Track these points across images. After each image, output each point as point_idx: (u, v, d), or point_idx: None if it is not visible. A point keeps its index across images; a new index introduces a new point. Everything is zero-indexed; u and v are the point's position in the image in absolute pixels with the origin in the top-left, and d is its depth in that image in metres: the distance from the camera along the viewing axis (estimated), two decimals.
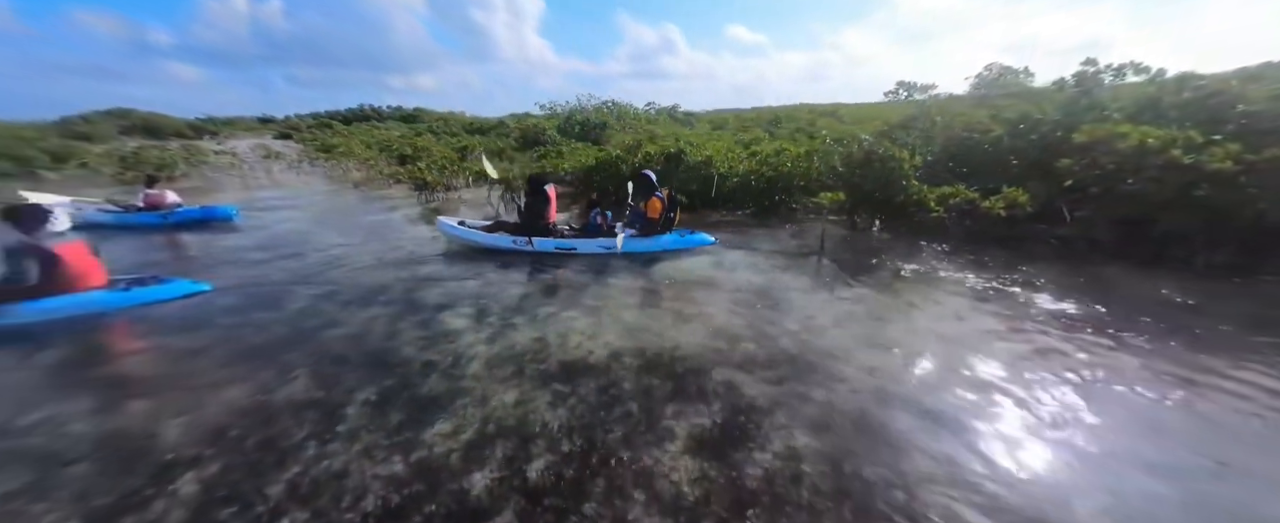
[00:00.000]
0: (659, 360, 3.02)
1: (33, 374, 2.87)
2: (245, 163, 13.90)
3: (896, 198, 5.26)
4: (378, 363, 2.98)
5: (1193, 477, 2.03)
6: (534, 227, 4.99)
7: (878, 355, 3.07)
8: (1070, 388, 2.68)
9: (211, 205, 6.66)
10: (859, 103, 29.10)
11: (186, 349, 3.12)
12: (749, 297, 4.07)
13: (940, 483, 1.97)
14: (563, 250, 4.90)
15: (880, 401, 2.57)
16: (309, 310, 3.78)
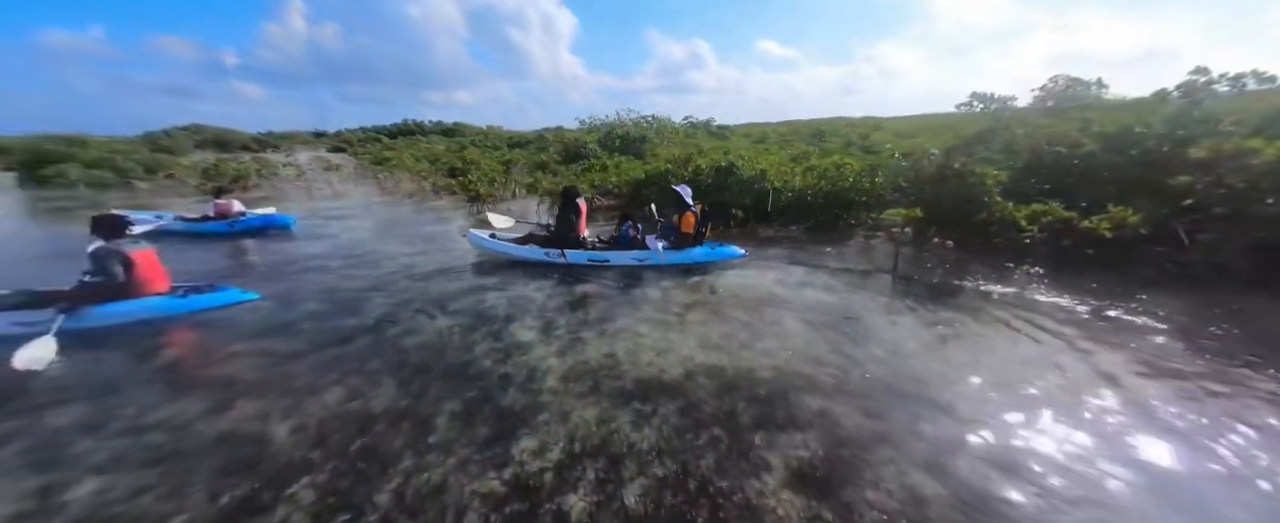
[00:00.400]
0: (739, 383, 2.92)
1: (139, 374, 3.09)
2: (307, 174, 14.91)
3: (977, 216, 4.96)
4: (457, 374, 3.03)
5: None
6: (566, 239, 5.02)
7: (989, 390, 2.84)
8: (1242, 441, 2.36)
9: (271, 214, 7.14)
10: (897, 116, 28.20)
11: (278, 353, 3.29)
12: (823, 317, 3.91)
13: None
14: (596, 263, 4.91)
15: (1004, 439, 2.37)
16: (381, 317, 3.92)
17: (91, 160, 11.94)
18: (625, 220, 5.20)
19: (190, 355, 3.32)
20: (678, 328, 3.74)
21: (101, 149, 13.18)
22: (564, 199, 5.25)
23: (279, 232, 6.99)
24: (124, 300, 3.55)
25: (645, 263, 4.88)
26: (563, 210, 5.18)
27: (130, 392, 2.79)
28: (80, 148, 12.80)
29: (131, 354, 3.29)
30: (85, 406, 2.63)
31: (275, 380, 2.92)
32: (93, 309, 3.49)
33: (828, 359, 3.20)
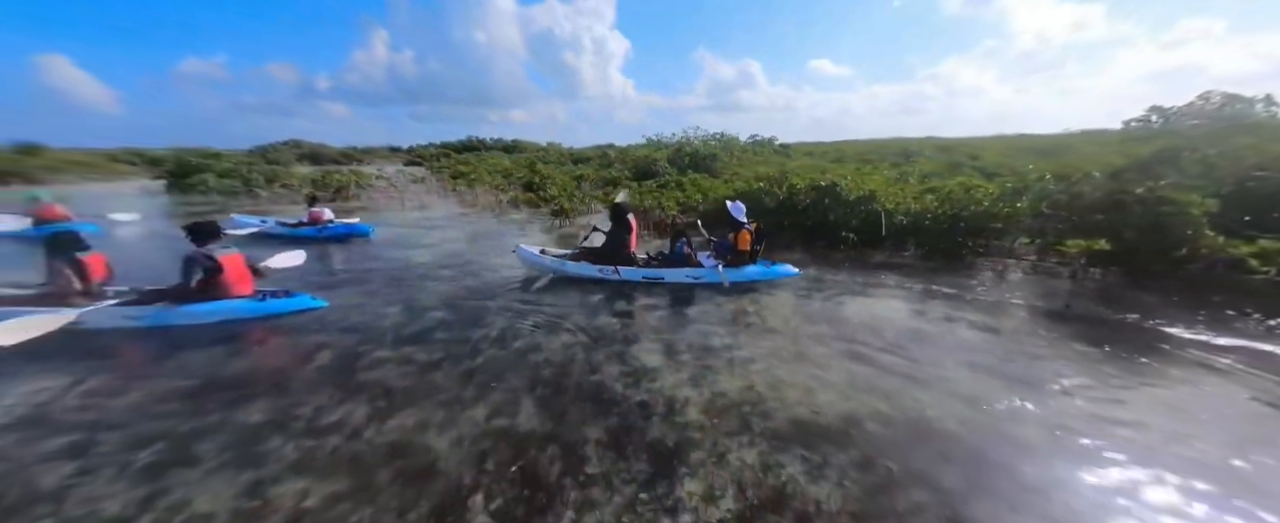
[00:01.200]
0: (919, 434, 2.56)
1: (302, 373, 3.27)
2: (395, 186, 16.23)
3: (1177, 250, 4.23)
4: (591, 397, 2.93)
5: None
6: (618, 255, 4.97)
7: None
8: None
9: (354, 223, 7.79)
10: (972, 136, 26.01)
11: (417, 362, 3.38)
12: (996, 362, 3.44)
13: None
14: (650, 280, 4.89)
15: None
16: (501, 329, 3.96)
17: (223, 171, 13.80)
18: (679, 238, 5.18)
19: (339, 360, 3.48)
20: (815, 363, 3.44)
21: (230, 161, 15.21)
22: (615, 215, 5.18)
23: (360, 238, 7.63)
24: (212, 301, 3.86)
25: (699, 281, 4.85)
26: (614, 227, 5.13)
27: (298, 392, 2.94)
28: (215, 160, 14.84)
29: (284, 352, 3.53)
30: (266, 402, 2.80)
31: (422, 390, 2.98)
32: (183, 308, 3.81)
33: (1028, 415, 2.75)
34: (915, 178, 8.93)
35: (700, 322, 4.25)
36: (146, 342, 3.63)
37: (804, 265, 6.13)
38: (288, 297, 4.13)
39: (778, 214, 7.32)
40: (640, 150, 21.84)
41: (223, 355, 3.46)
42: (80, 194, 14.77)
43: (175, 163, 14.18)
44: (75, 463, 2.26)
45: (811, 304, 4.70)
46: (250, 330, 3.89)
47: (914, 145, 20.12)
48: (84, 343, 3.50)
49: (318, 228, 7.61)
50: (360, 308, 4.47)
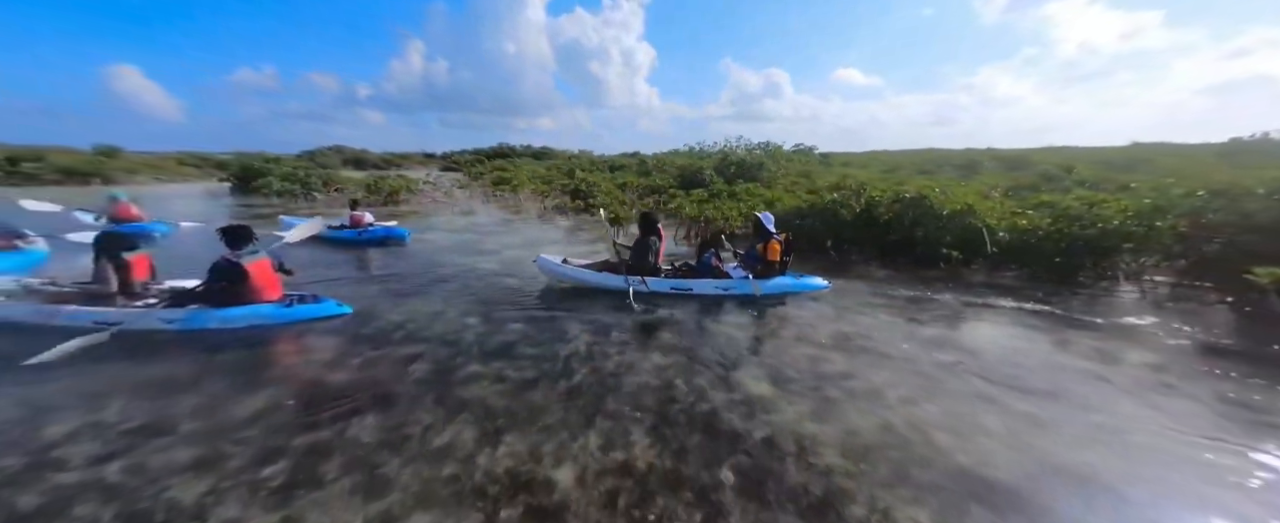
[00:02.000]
0: (1133, 504, 2.15)
1: (405, 388, 3.15)
2: (440, 190, 16.65)
3: None
4: (707, 429, 2.67)
5: None
6: (646, 266, 4.87)
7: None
8: None
9: (391, 227, 7.97)
10: (1016, 148, 24.57)
11: (511, 379, 3.21)
12: (1199, 408, 2.96)
13: None
14: (679, 291, 4.83)
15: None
16: (589, 346, 3.76)
17: (284, 175, 14.54)
18: (706, 249, 5.12)
19: (430, 373, 3.36)
20: (956, 398, 3.06)
21: (288, 166, 16.02)
22: (644, 225, 5.05)
23: (397, 242, 7.79)
24: (240, 306, 3.85)
25: (729, 292, 4.83)
26: (642, 237, 4.99)
27: (401, 409, 2.82)
28: (275, 164, 15.64)
29: (373, 364, 3.43)
30: (374, 419, 2.68)
31: (524, 412, 2.79)
32: (215, 312, 3.80)
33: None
34: (999, 192, 8.32)
35: (786, 342, 3.94)
36: (203, 346, 3.62)
37: (891, 284, 5.71)
38: (315, 302, 4.12)
39: (853, 228, 6.91)
40: (680, 159, 21.66)
41: (309, 363, 3.41)
42: (151, 195, 15.88)
43: (239, 167, 15.03)
44: (206, 481, 2.16)
45: (922, 329, 4.29)
46: (325, 337, 3.85)
47: (962, 158, 19.04)
48: (144, 347, 3.51)
49: (358, 231, 7.84)
50: (440, 317, 4.38)
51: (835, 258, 6.85)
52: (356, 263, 6.65)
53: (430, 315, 4.43)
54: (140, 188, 18.78)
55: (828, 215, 7.11)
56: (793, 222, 7.60)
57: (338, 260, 6.77)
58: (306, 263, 6.62)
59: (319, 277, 5.74)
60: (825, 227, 7.10)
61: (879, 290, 5.45)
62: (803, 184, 10.37)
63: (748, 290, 4.78)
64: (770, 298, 4.89)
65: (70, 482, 2.13)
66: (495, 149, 54.94)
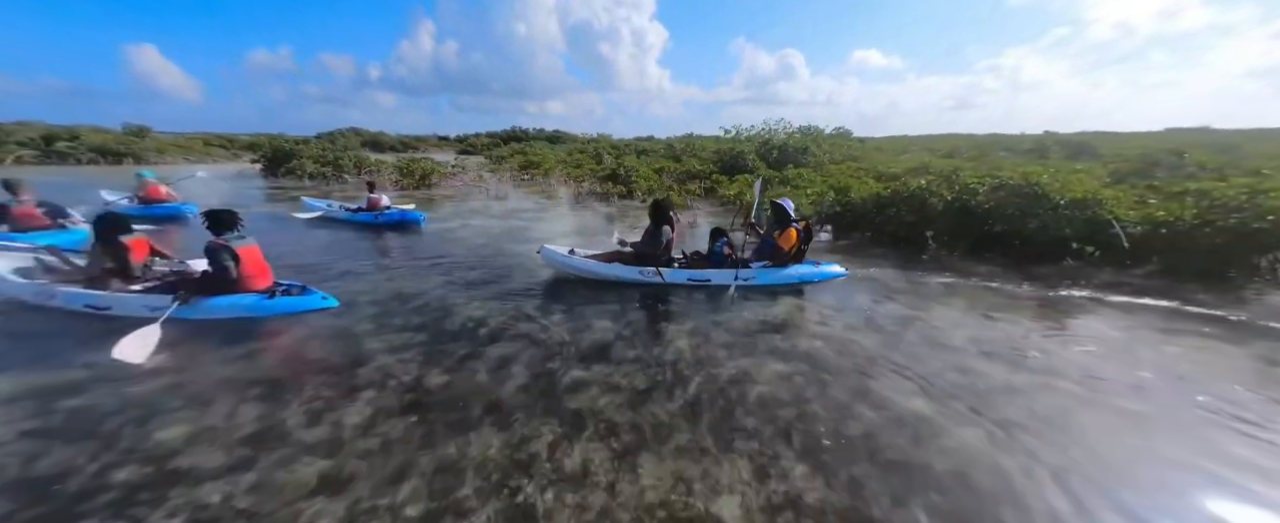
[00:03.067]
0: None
1: (492, 394, 2.86)
2: (469, 173, 16.45)
3: None
4: (876, 460, 2.32)
5: None
6: (659, 256, 4.71)
7: None
8: None
9: (407, 210, 7.89)
10: (1082, 131, 23.15)
11: (623, 389, 2.90)
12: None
13: None
14: (696, 282, 4.69)
15: None
16: (690, 349, 3.43)
17: (314, 156, 14.53)
18: (719, 237, 4.99)
19: (533, 379, 3.07)
20: (1196, 434, 2.61)
21: (317, 147, 16.03)
22: (656, 214, 4.80)
23: (412, 225, 7.72)
24: (229, 295, 3.62)
25: (750, 282, 4.71)
26: (655, 226, 4.77)
27: (516, 418, 2.53)
28: (304, 146, 15.65)
29: (457, 365, 3.15)
30: (492, 432, 2.39)
31: (650, 430, 2.48)
32: (202, 301, 3.59)
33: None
34: (1097, 180, 7.61)
35: (914, 346, 3.53)
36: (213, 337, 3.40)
37: (1003, 281, 5.20)
38: (302, 294, 3.88)
39: (946, 218, 6.37)
40: (710, 143, 20.93)
41: (380, 368, 3.14)
42: (183, 176, 16.10)
43: (271, 148, 15.07)
44: (336, 503, 1.89)
45: (1073, 336, 3.80)
46: (385, 335, 3.58)
47: (1031, 142, 17.85)
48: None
49: (374, 214, 7.79)
50: (530, 319, 4.06)
51: (934, 249, 6.34)
52: (378, 249, 6.44)
53: (493, 307, 4.16)
54: (169, 168, 19.16)
55: (915, 204, 6.56)
56: (869, 211, 7.08)
57: (355, 244, 6.66)
58: (324, 245, 6.53)
59: (337, 262, 5.62)
60: (913, 217, 6.56)
61: (995, 289, 4.95)
62: (845, 169, 9.70)
63: (765, 280, 4.71)
64: (789, 287, 4.80)
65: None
66: (509, 132, 54.92)
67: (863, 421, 2.62)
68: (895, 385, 2.99)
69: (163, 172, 11.24)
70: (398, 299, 4.35)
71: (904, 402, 2.81)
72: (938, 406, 2.78)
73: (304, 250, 5.07)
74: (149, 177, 8.42)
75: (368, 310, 4.03)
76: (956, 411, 2.74)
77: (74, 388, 2.75)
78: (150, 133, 26.26)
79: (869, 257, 6.18)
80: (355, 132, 43.81)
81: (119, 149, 20.78)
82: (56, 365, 3.00)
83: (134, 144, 21.82)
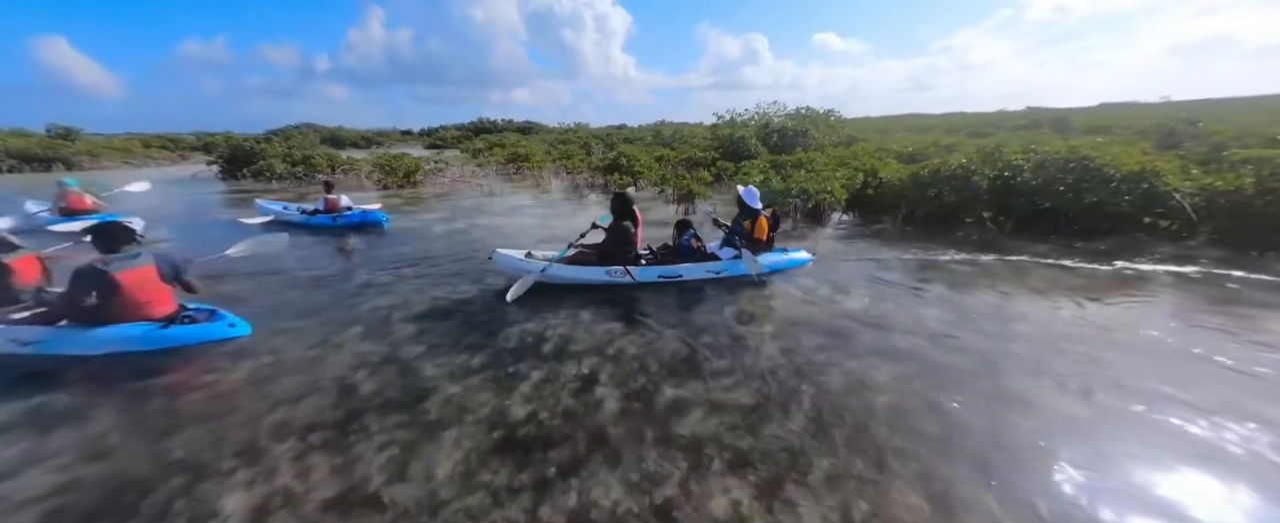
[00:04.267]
0: None
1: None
2: (454, 167, 15.75)
3: None
4: (1059, 483, 2.07)
5: None
6: (626, 254, 4.47)
7: None
8: None
9: (368, 211, 7.52)
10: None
11: (728, 407, 2.58)
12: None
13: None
14: (667, 279, 4.52)
15: None
16: (774, 354, 3.15)
17: (281, 154, 13.61)
18: (686, 230, 4.86)
19: (621, 401, 2.74)
20: None
21: (280, 146, 15.06)
22: (620, 208, 4.49)
23: (373, 227, 7.31)
24: (103, 326, 3.13)
25: (721, 275, 4.63)
26: (618, 221, 4.48)
27: (644, 458, 2.19)
28: (267, 144, 14.67)
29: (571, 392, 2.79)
30: (601, 470, 2.04)
31: (781, 455, 2.17)
32: (76, 333, 3.11)
33: None
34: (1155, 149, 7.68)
35: (1019, 336, 3.33)
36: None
37: (1060, 256, 5.13)
38: (210, 320, 3.39)
39: (992, 197, 6.28)
40: (702, 130, 20.62)
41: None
42: (121, 181, 14.90)
43: (229, 148, 14.04)
44: None
45: (1190, 317, 3.69)
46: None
47: (1024, 118, 18.32)
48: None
49: (333, 216, 7.35)
50: (489, 332, 3.71)
51: (988, 230, 6.25)
52: (330, 256, 5.88)
53: (454, 324, 3.78)
54: (107, 173, 17.73)
55: (958, 183, 6.45)
56: (906, 192, 6.95)
57: (305, 252, 6.01)
58: (267, 255, 5.61)
59: (275, 274, 5.08)
60: (955, 197, 6.45)
61: (1068, 268, 4.85)
62: (860, 151, 9.60)
63: (740, 271, 4.60)
64: (765, 276, 4.67)
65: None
66: (476, 124, 53.67)
67: (1022, 430, 2.39)
68: (1034, 385, 2.78)
69: (93, 179, 10.24)
70: (333, 321, 3.78)
71: (1057, 402, 2.60)
72: (1094, 403, 2.59)
73: (238, 263, 4.62)
74: (72, 185, 7.64)
75: (290, 336, 3.49)
76: (1126, 408, 2.54)
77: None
78: (80, 135, 24.34)
79: (916, 241, 6.03)
80: (309, 127, 41.80)
81: (45, 154, 19.12)
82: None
83: (62, 148, 20.17)
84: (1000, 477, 2.05)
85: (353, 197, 7.98)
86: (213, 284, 4.23)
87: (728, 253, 4.73)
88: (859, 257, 5.55)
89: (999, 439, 2.31)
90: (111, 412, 2.62)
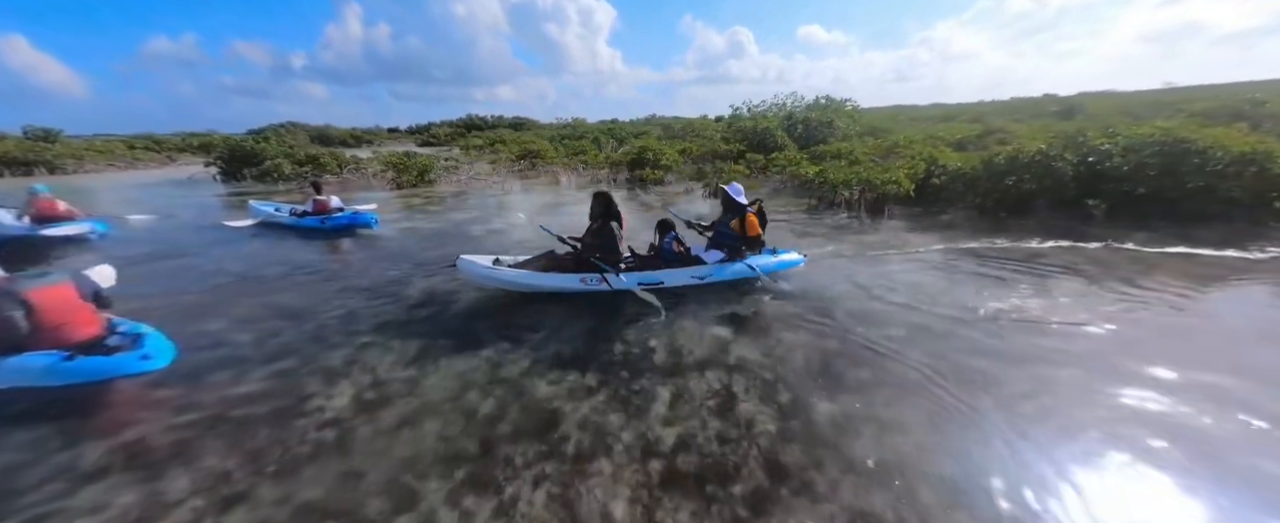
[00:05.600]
0: None
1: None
2: (468, 166, 15.38)
3: None
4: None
5: None
6: (607, 259, 4.11)
7: None
8: None
9: (357, 212, 7.28)
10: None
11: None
12: None
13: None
14: (649, 286, 4.11)
15: None
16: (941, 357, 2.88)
17: (285, 153, 13.20)
18: (667, 232, 4.50)
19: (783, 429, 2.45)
20: None
21: (278, 146, 14.66)
22: (601, 209, 4.18)
23: (363, 229, 7.11)
24: (12, 355, 2.76)
25: (707, 281, 4.27)
26: (600, 224, 4.14)
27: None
28: (265, 144, 14.26)
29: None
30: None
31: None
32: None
33: None
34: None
35: (1202, 334, 3.09)
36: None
37: (1158, 245, 4.91)
38: (134, 346, 2.99)
39: (1077, 184, 6.07)
40: (744, 121, 20.22)
41: None
42: (107, 185, 14.39)
43: (227, 148, 13.57)
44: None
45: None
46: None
47: (1058, 104, 18.18)
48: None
49: (321, 218, 7.09)
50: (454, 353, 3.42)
51: (1077, 218, 6.03)
52: (305, 266, 5.34)
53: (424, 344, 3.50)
54: (91, 177, 17.16)
55: (1039, 170, 6.23)
56: (984, 180, 6.71)
57: (280, 259, 5.66)
58: (240, 263, 5.45)
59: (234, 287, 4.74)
60: (1035, 184, 6.23)
61: (1196, 257, 4.64)
62: (912, 139, 9.39)
63: (728, 276, 4.29)
64: (750, 281, 4.35)
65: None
66: (466, 120, 53.21)
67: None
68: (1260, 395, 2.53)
69: (76, 185, 9.69)
70: (277, 349, 3.32)
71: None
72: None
73: (200, 275, 4.47)
74: (42, 191, 7.17)
75: (212, 366, 3.11)
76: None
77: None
78: (61, 137, 23.67)
79: (998, 230, 5.81)
80: (293, 125, 41.09)
81: (25, 157, 18.49)
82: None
83: (43, 151, 19.50)
84: None
85: (367, 197, 7.64)
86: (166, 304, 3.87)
87: (714, 256, 4.40)
88: (949, 246, 5.33)
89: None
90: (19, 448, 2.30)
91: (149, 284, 4.73)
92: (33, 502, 1.97)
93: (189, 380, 2.92)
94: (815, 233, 6.42)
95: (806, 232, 6.49)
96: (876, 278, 4.50)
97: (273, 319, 3.85)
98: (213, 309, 4.06)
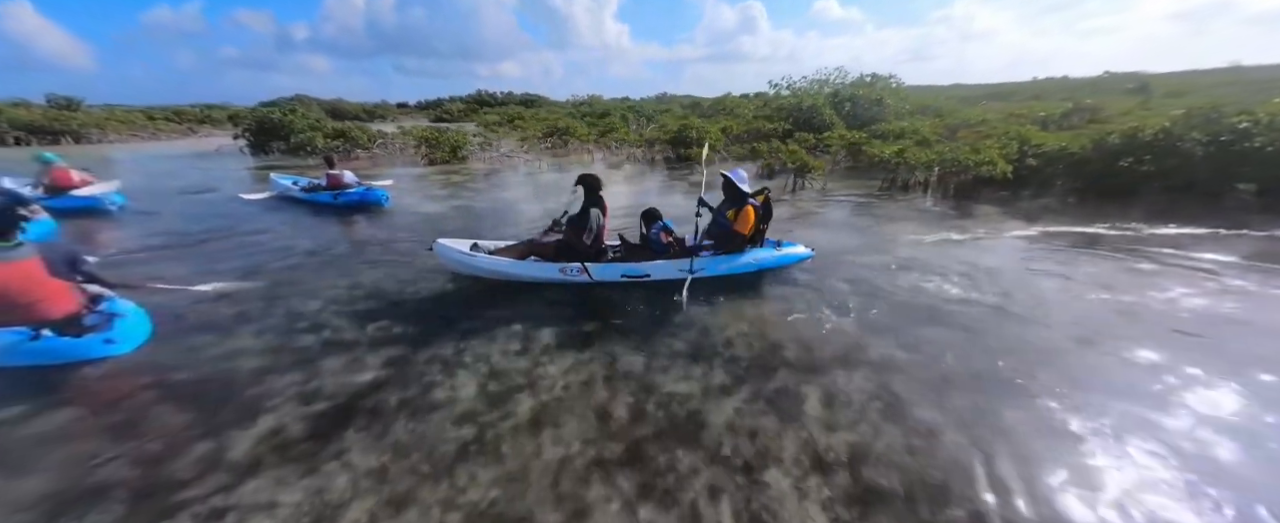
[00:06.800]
0: None
1: None
2: (502, 143, 15.14)
3: None
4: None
5: None
6: (588, 249, 3.96)
7: None
8: None
9: (368, 189, 7.28)
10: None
11: None
12: None
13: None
14: (632, 279, 3.98)
15: None
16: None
17: (311, 126, 13.08)
18: (655, 221, 4.26)
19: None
20: None
21: (304, 119, 14.58)
22: (586, 192, 4.00)
23: (375, 207, 7.09)
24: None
25: (699, 274, 3.93)
26: (583, 210, 3.96)
27: None
28: (294, 116, 14.16)
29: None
30: None
31: None
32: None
33: None
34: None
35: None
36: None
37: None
38: (107, 327, 2.89)
39: (1210, 166, 5.61)
40: (786, 99, 19.54)
41: None
42: (134, 157, 14.45)
43: (255, 120, 13.49)
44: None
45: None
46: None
47: (1117, 83, 17.16)
48: None
49: (333, 194, 7.08)
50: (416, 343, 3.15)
51: (1252, 203, 5.54)
52: (309, 242, 5.27)
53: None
54: (116, 147, 17.32)
55: (1163, 152, 5.75)
56: (1088, 163, 6.24)
57: (285, 235, 5.64)
58: (245, 237, 5.41)
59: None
60: (1154, 166, 5.77)
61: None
62: (942, 125, 8.82)
63: (714, 271, 4.03)
64: (752, 276, 4.15)
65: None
66: (476, 96, 52.84)
67: None
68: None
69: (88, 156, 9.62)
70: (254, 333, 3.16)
71: None
72: None
73: (206, 246, 4.40)
74: (54, 160, 7.05)
75: (182, 352, 2.95)
76: None
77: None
78: (83, 105, 23.96)
79: (1124, 217, 5.37)
80: (303, 99, 41.11)
81: (51, 126, 18.73)
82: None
83: (68, 119, 19.75)
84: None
85: (401, 174, 7.44)
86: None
87: (706, 248, 4.16)
88: (1068, 229, 4.95)
89: None
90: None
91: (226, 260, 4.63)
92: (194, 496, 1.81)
93: (302, 366, 2.75)
94: (902, 217, 6.05)
95: (892, 217, 6.12)
96: (1020, 268, 4.13)
97: (344, 303, 3.68)
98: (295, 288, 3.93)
